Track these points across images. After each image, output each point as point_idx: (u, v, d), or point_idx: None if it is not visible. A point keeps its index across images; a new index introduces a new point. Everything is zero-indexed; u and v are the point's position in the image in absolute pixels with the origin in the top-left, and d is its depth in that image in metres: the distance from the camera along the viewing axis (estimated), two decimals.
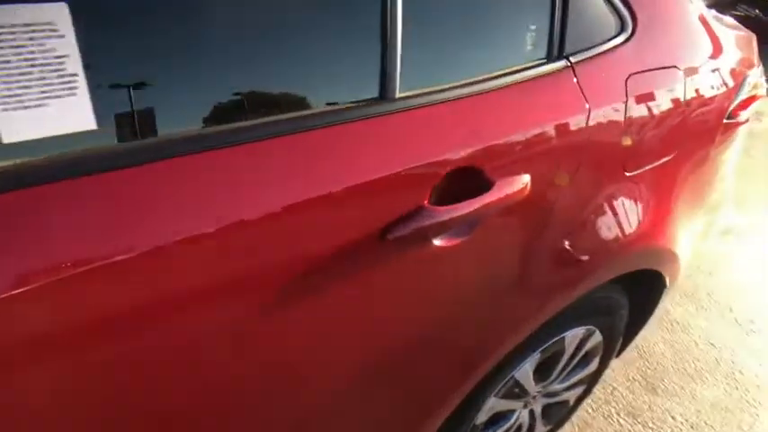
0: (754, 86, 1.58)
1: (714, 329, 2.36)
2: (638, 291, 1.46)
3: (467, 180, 0.86)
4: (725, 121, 1.42)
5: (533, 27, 0.97)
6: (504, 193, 0.88)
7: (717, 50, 1.41)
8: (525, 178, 0.92)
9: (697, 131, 1.30)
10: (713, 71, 1.35)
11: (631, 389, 2.06)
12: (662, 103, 1.16)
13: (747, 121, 1.61)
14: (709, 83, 1.32)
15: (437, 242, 0.85)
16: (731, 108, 1.44)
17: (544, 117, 0.95)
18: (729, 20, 1.76)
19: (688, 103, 1.22)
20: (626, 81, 1.07)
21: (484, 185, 0.87)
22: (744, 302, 2.52)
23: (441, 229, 0.83)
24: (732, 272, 2.74)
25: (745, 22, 2.00)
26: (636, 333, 1.61)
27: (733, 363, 2.21)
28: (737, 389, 2.12)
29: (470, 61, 0.90)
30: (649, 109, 1.13)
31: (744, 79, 1.50)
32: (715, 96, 1.36)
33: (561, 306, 1.13)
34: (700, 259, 2.79)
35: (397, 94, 0.80)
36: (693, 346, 2.27)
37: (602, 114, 1.03)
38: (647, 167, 1.16)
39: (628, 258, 1.24)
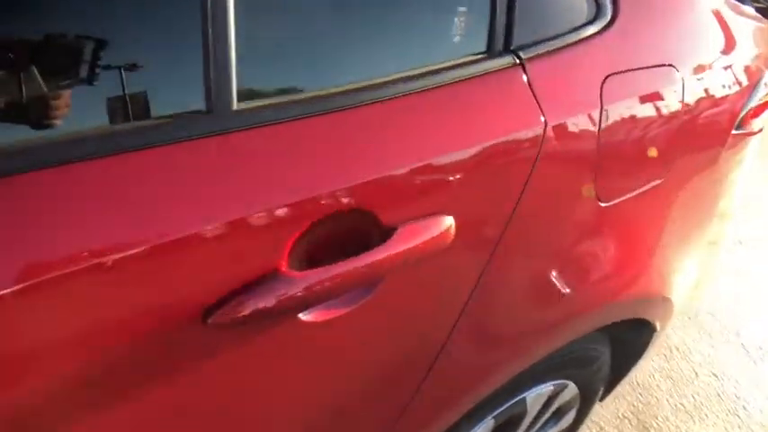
0: None
1: (718, 357, 2.07)
2: (624, 334, 1.18)
3: (351, 228, 0.59)
4: (734, 132, 1.13)
5: (463, 9, 0.69)
6: (409, 244, 0.61)
7: (728, 46, 1.11)
8: (446, 221, 0.65)
9: (697, 147, 1.01)
10: (723, 71, 1.06)
11: (620, 428, 1.78)
12: (651, 113, 0.87)
13: (761, 130, 1.31)
14: (715, 85, 1.03)
15: (305, 317, 0.58)
16: (742, 115, 1.15)
17: (477, 133, 0.67)
18: (749, 9, 1.46)
19: (686, 111, 0.94)
20: (602, 83, 0.79)
21: (378, 235, 0.60)
22: (754, 326, 2.22)
23: (308, 301, 0.56)
24: (741, 289, 2.44)
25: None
26: (622, 376, 1.34)
27: (737, 397, 1.92)
28: (740, 427, 1.84)
29: (361, 57, 0.63)
30: (633, 120, 0.84)
31: (759, 80, 1.21)
32: (723, 102, 1.07)
33: (510, 375, 0.87)
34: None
35: (235, 105, 0.53)
36: (693, 377, 1.98)
37: (565, 128, 0.75)
38: (628, 195, 0.88)
39: (604, 312, 0.97)
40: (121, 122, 0.50)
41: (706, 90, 1.01)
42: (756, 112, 1.23)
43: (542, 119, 0.72)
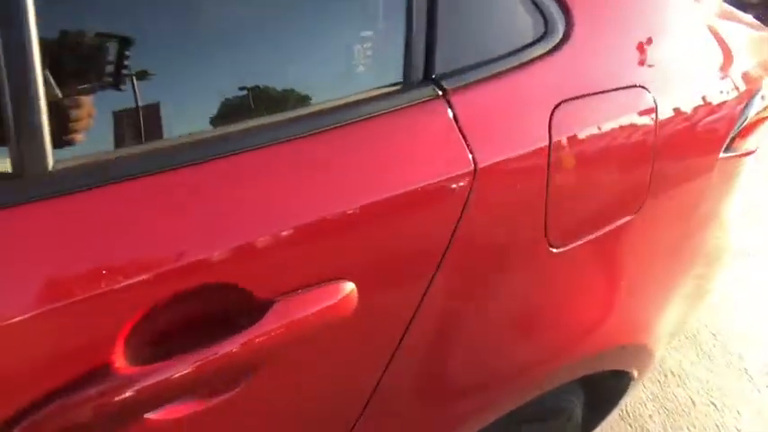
0: (766, 105, 1.15)
1: (718, 383, 1.92)
2: (598, 382, 1.06)
3: (213, 307, 0.48)
4: (722, 155, 1.00)
5: (370, 32, 0.57)
6: (289, 319, 0.50)
7: (718, 60, 0.98)
8: (344, 288, 0.54)
9: (676, 177, 0.89)
10: (709, 88, 0.93)
11: None
12: (615, 142, 0.75)
13: (753, 151, 1.18)
14: (700, 105, 0.90)
15: (153, 416, 0.47)
16: (732, 135, 1.02)
17: (386, 181, 0.56)
18: (746, 17, 1.32)
19: (663, 137, 0.81)
20: (551, 113, 0.68)
21: (251, 312, 0.49)
22: (758, 347, 2.07)
23: (150, 400, 0.46)
24: (745, 306, 2.28)
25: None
26: (597, 423, 1.21)
27: (738, 430, 1.78)
28: None
29: (225, 96, 0.52)
30: (593, 152, 0.72)
31: (753, 95, 1.07)
32: (710, 123, 0.94)
33: None
34: None
35: (52, 165, 0.43)
36: (690, 406, 1.84)
37: (501, 168, 0.63)
38: (589, 237, 0.76)
39: (567, 368, 0.84)
40: None
41: (688, 111, 0.88)
42: (749, 130, 1.10)
43: (471, 159, 0.60)
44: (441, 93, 0.60)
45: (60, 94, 0.42)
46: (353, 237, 0.55)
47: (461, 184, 0.60)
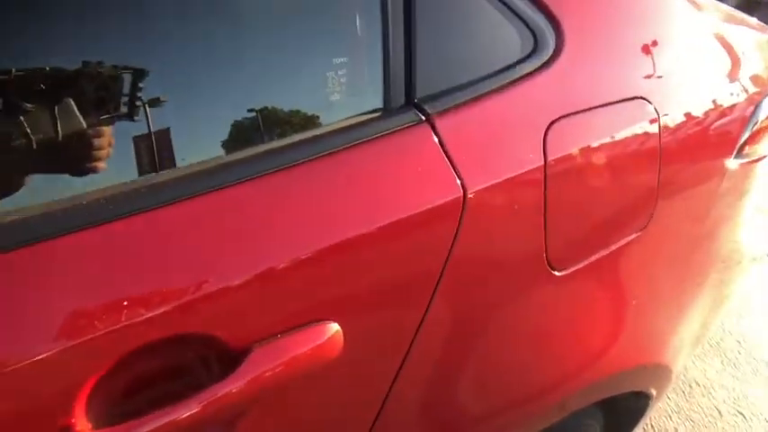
0: None
1: (745, 392, 1.84)
2: (617, 404, 1.00)
3: (180, 359, 0.45)
4: (732, 162, 0.94)
5: (344, 58, 0.54)
6: (268, 368, 0.47)
7: (725, 65, 0.93)
8: (328, 330, 0.50)
9: (685, 187, 0.84)
10: (716, 94, 0.88)
11: None
12: (617, 156, 0.71)
13: (765, 156, 1.12)
14: (707, 112, 0.85)
15: None
16: (742, 141, 0.97)
17: (367, 213, 0.53)
18: (752, 20, 1.27)
19: (666, 149, 0.77)
20: (545, 131, 0.64)
21: (225, 361, 0.46)
22: None
23: None
24: None
25: None
26: None
27: None
28: None
29: (178, 134, 0.49)
30: (593, 169, 0.68)
31: (763, 98, 1.02)
32: (718, 130, 0.89)
33: None
34: None
35: None
36: (717, 416, 1.76)
37: (493, 192, 0.59)
38: (594, 258, 0.72)
39: (580, 394, 0.79)
40: None
41: (694, 120, 0.84)
42: (760, 134, 1.04)
43: (459, 185, 0.57)
44: (423, 117, 0.57)
45: None
46: (337, 274, 0.51)
47: (451, 211, 0.56)
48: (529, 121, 0.63)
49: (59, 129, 0.43)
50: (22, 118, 0.41)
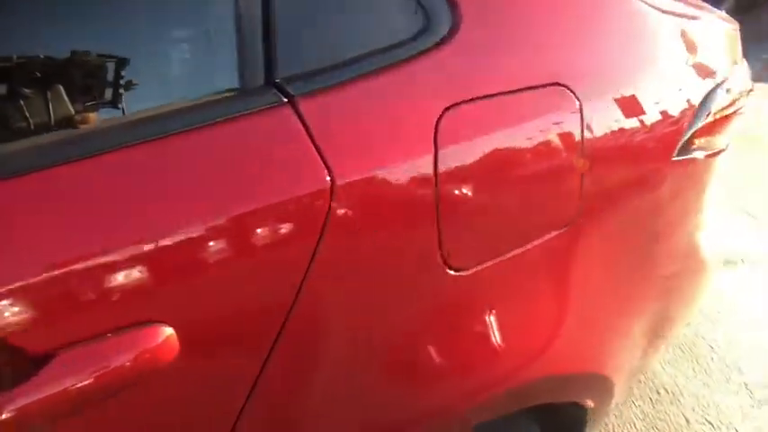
0: (732, 100, 1.03)
1: (714, 399, 1.77)
2: (553, 414, 0.93)
3: None
4: (677, 158, 0.88)
5: (188, 33, 0.48)
6: (65, 376, 0.41)
7: (674, 51, 0.87)
8: (160, 333, 0.44)
9: (616, 185, 0.77)
10: (655, 83, 0.82)
11: None
12: (527, 149, 0.64)
13: (723, 150, 1.06)
14: (643, 102, 0.79)
15: None
16: (689, 135, 0.90)
17: (212, 203, 0.47)
18: (717, 11, 1.20)
19: (591, 142, 0.70)
20: (438, 119, 0.57)
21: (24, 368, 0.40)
22: (760, 360, 1.91)
23: None
24: (745, 316, 2.12)
25: None
26: None
27: None
28: None
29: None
30: (497, 162, 0.62)
31: (712, 91, 0.96)
32: (657, 122, 0.82)
33: None
34: (707, 299, 2.18)
35: None
36: (683, 425, 1.69)
37: (368, 184, 0.53)
38: (503, 257, 0.65)
39: (489, 404, 0.73)
40: None
41: (627, 111, 0.77)
42: (714, 127, 0.98)
43: (327, 174, 0.50)
44: (285, 99, 0.50)
45: None
46: (172, 271, 0.45)
47: (315, 204, 0.50)
48: (416, 107, 0.56)
49: None
50: None
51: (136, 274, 0.43)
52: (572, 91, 0.69)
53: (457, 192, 0.59)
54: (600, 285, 0.82)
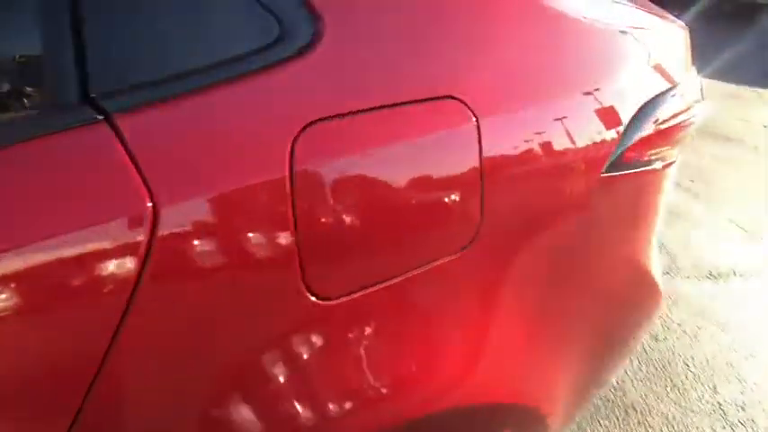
0: (680, 109, 0.97)
1: (685, 420, 1.69)
2: None
3: None
4: (610, 173, 0.82)
5: None
6: None
7: (591, 56, 0.81)
8: None
9: (530, 205, 0.71)
10: (574, 92, 0.76)
11: None
12: (401, 171, 0.58)
13: (671, 163, 0.99)
14: (564, 112, 0.72)
15: None
16: (621, 150, 0.84)
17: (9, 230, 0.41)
18: (667, 14, 1.14)
19: (492, 158, 0.64)
20: (295, 137, 0.52)
21: None
22: (735, 378, 1.83)
23: None
24: (726, 332, 2.04)
25: None
26: None
27: None
28: None
29: None
30: (364, 184, 0.56)
31: (655, 100, 0.89)
32: (580, 134, 0.76)
33: None
34: (685, 309, 2.11)
35: None
36: None
37: (193, 210, 0.47)
38: (389, 282, 0.60)
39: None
40: None
41: (539, 124, 0.71)
42: (654, 140, 0.92)
43: (149, 197, 0.45)
44: (101, 117, 0.45)
45: None
46: None
47: (136, 233, 0.45)
48: (265, 124, 0.51)
49: None
50: None
51: None
52: (467, 105, 0.63)
53: (320, 214, 0.53)
54: (515, 311, 0.76)
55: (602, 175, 0.81)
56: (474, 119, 0.63)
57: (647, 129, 0.88)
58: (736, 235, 2.66)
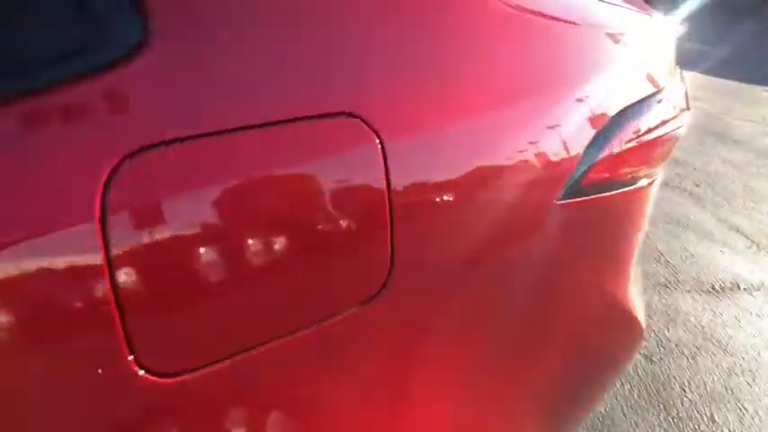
0: (664, 119, 0.82)
1: None
2: None
3: None
4: (561, 201, 0.68)
5: None
6: None
7: (543, 63, 0.67)
8: None
9: (440, 244, 0.57)
10: (519, 106, 0.62)
11: None
12: (267, 206, 0.45)
13: (652, 182, 0.85)
14: (493, 133, 0.59)
15: None
16: (585, 170, 0.70)
17: None
18: (653, 12, 0.99)
19: (395, 192, 0.51)
20: (109, 174, 0.39)
21: None
22: (734, 406, 1.68)
23: None
24: (731, 353, 1.89)
25: None
26: None
27: None
28: None
29: None
30: (200, 226, 0.43)
31: (627, 109, 0.75)
32: (519, 159, 0.62)
33: None
34: (684, 327, 1.96)
35: None
36: None
37: None
38: (261, 349, 0.47)
39: None
40: None
41: (471, 145, 0.57)
42: (630, 156, 0.77)
43: None
44: None
45: None
46: None
47: None
48: (68, 160, 0.38)
49: None
50: None
51: None
52: (368, 123, 0.49)
53: (138, 270, 0.40)
54: (444, 377, 0.62)
55: (557, 201, 0.67)
56: (377, 140, 0.50)
57: (620, 143, 0.74)
58: (742, 245, 2.49)
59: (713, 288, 2.19)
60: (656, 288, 2.16)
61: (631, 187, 0.80)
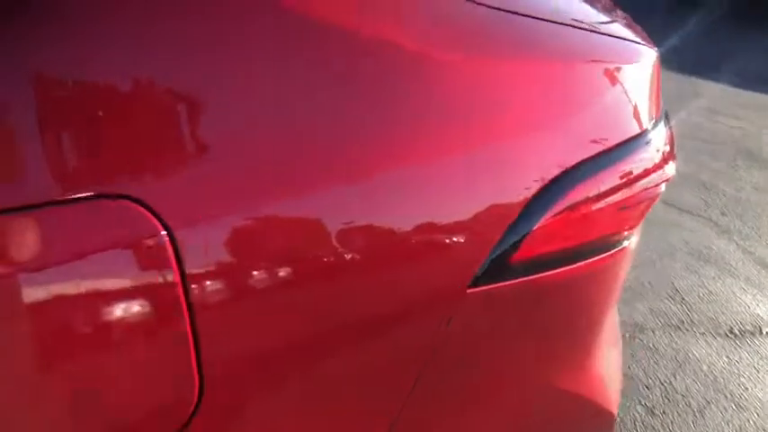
0: (640, 175, 0.65)
1: None
2: None
3: None
4: (472, 289, 0.52)
5: None
6: None
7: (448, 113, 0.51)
8: None
9: (278, 357, 0.43)
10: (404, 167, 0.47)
11: None
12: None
13: (618, 252, 0.68)
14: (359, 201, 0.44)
15: None
16: (513, 242, 0.54)
17: None
18: (637, 30, 0.81)
19: (194, 291, 0.37)
20: None
21: None
22: None
23: None
24: (745, 408, 1.67)
25: None
26: None
27: None
28: None
29: None
30: None
31: (586, 162, 0.58)
32: (401, 240, 0.47)
33: None
34: (693, 375, 1.75)
35: None
36: None
37: None
38: None
39: None
40: None
41: (310, 226, 0.43)
42: (575, 225, 0.61)
43: None
44: None
45: None
46: None
47: None
48: None
49: None
50: None
51: None
52: (148, 207, 0.35)
53: None
54: None
55: (469, 290, 0.51)
56: (164, 231, 0.35)
57: (569, 205, 0.58)
58: None
59: (731, 331, 1.97)
60: (665, 330, 1.95)
61: (587, 260, 0.63)
